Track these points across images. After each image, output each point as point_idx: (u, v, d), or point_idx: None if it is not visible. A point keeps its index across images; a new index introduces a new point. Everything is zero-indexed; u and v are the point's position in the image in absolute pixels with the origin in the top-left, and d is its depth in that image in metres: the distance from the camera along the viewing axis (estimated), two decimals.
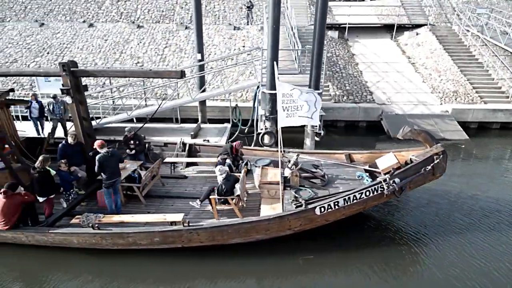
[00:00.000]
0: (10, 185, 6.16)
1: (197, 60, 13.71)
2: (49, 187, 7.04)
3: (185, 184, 9.55)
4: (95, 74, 8.06)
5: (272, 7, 9.73)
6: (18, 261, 6.68)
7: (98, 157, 6.99)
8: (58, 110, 11.01)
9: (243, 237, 6.49)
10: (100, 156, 7.01)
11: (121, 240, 6.31)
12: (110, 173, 7.12)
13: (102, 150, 7.08)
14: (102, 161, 6.96)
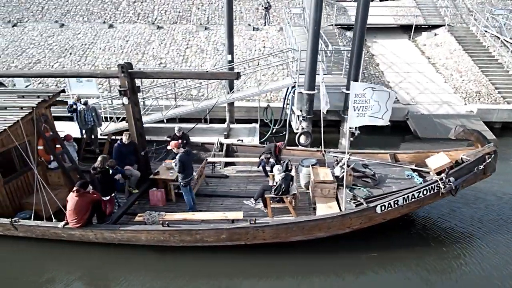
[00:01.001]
0: (82, 184, 6.29)
1: (228, 61, 13.82)
2: (110, 186, 7.21)
3: (228, 183, 9.68)
4: (152, 76, 8.19)
5: (314, 9, 9.86)
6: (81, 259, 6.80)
7: (180, 157, 7.20)
8: (90, 117, 10.61)
9: (305, 235, 6.63)
10: (181, 155, 7.23)
11: (188, 237, 6.45)
12: (187, 172, 7.30)
13: (179, 150, 7.26)
14: (183, 160, 7.16)
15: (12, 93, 8.50)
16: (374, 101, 5.89)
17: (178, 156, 7.26)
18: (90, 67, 18.41)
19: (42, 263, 6.78)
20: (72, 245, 6.93)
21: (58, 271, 6.58)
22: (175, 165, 7.38)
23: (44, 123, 8.06)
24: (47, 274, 6.49)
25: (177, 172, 7.36)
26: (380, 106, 5.95)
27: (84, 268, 6.67)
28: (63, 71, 11.09)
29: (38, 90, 8.63)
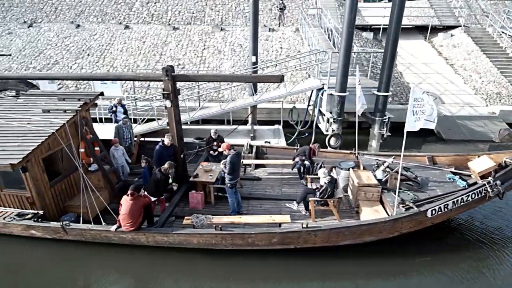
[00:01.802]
0: (136, 187, 6.29)
1: (252, 62, 13.82)
2: (164, 189, 7.26)
3: (262, 185, 9.67)
4: (195, 79, 8.20)
5: (348, 10, 9.86)
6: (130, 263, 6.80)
7: (231, 158, 7.21)
8: (128, 134, 10.35)
9: (355, 239, 6.64)
10: (232, 157, 7.24)
11: (240, 240, 6.46)
12: (236, 174, 7.32)
13: (230, 152, 7.28)
14: (234, 161, 7.17)
15: (52, 95, 8.51)
16: (428, 105, 5.90)
17: (230, 157, 7.27)
18: (108, 68, 18.42)
19: (90, 266, 6.78)
20: (118, 248, 6.93)
21: (108, 275, 6.58)
22: (225, 167, 7.38)
23: (85, 126, 8.08)
24: (96, 278, 6.50)
25: (227, 173, 7.36)
26: (433, 109, 5.98)
27: (135, 271, 6.67)
28: (104, 73, 11.09)
29: (78, 93, 8.63)
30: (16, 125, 7.23)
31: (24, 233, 6.88)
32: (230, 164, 7.21)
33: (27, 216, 6.87)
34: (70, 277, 6.56)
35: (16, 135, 6.97)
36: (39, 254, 6.98)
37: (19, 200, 7.01)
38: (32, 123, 7.23)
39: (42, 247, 7.05)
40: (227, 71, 18.09)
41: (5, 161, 6.15)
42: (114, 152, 8.89)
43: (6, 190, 6.99)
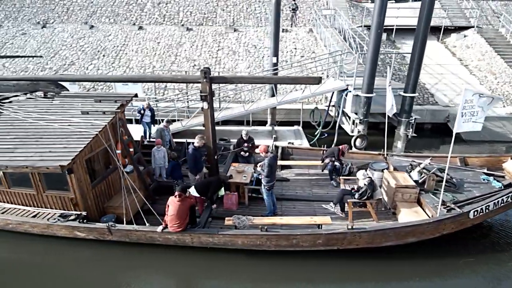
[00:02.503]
0: (182, 189, 6.35)
1: (272, 63, 13.87)
2: (207, 189, 7.31)
3: (291, 186, 9.72)
4: (232, 81, 8.24)
5: (377, 12, 9.93)
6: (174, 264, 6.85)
7: (269, 160, 7.26)
8: (169, 137, 10.29)
9: (398, 240, 6.69)
10: (270, 159, 7.30)
11: (285, 241, 6.51)
12: (273, 176, 7.36)
13: (267, 155, 7.33)
14: (271, 164, 7.22)
15: (87, 97, 8.56)
16: (478, 107, 5.95)
17: (267, 160, 7.32)
18: (124, 69, 18.47)
19: (134, 267, 6.83)
20: (160, 248, 6.98)
21: (152, 275, 6.63)
22: (262, 170, 7.44)
23: (121, 127, 8.13)
24: (140, 279, 6.56)
25: (264, 175, 7.41)
26: (484, 111, 6.04)
27: (178, 272, 6.72)
28: (142, 76, 11.13)
29: (114, 95, 8.69)
30: (57, 126, 7.28)
31: (68, 234, 6.93)
32: (268, 167, 7.26)
33: (71, 217, 6.92)
34: (114, 278, 6.62)
35: (59, 136, 7.01)
36: (82, 255, 7.02)
37: (62, 201, 7.06)
38: (72, 124, 7.29)
39: (85, 248, 7.09)
40: (243, 72, 18.15)
41: (54, 163, 6.19)
42: (155, 153, 8.98)
43: (48, 191, 7.04)
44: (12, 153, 6.61)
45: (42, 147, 6.74)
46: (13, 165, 6.32)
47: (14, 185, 7.12)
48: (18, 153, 6.61)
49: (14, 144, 6.85)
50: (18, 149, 6.71)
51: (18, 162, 6.37)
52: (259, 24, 23.69)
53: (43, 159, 6.36)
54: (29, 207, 7.26)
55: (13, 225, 7.01)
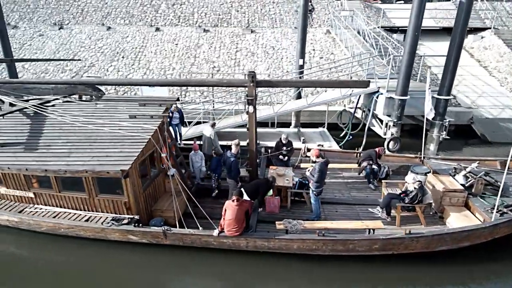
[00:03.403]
0: (239, 193, 6.37)
1: (299, 65, 13.88)
2: (257, 192, 7.31)
3: (329, 189, 9.68)
4: (278, 85, 8.26)
5: (415, 16, 9.95)
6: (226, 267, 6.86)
7: (320, 166, 7.26)
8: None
9: (453, 245, 6.69)
10: (321, 164, 7.30)
11: (341, 246, 6.53)
12: (322, 181, 7.37)
13: (318, 160, 7.33)
14: (323, 169, 7.23)
15: (130, 101, 8.57)
16: None
17: (318, 165, 7.33)
18: (145, 71, 18.49)
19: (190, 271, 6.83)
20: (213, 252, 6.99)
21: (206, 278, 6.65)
22: (312, 175, 7.44)
23: (165, 131, 8.14)
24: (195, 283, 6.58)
25: (314, 181, 7.41)
26: None
27: (233, 276, 6.72)
28: (186, 80, 11.16)
29: (157, 98, 8.69)
30: (107, 130, 7.29)
31: (121, 238, 6.94)
32: (319, 173, 7.27)
33: (124, 221, 6.93)
34: (168, 283, 6.63)
35: (112, 141, 7.04)
36: (134, 259, 7.03)
37: (114, 205, 7.08)
38: (123, 128, 7.30)
39: (136, 252, 7.09)
40: (263, 74, 18.14)
41: (114, 168, 6.21)
42: (193, 157, 9.00)
43: (100, 195, 7.05)
44: (68, 158, 6.63)
45: (98, 151, 6.76)
46: (71, 169, 6.34)
47: (65, 189, 7.12)
48: (74, 157, 6.63)
49: (68, 149, 6.87)
50: (73, 154, 6.73)
51: (76, 166, 6.39)
52: (274, 25, 23.66)
53: (101, 164, 6.38)
54: (79, 211, 7.26)
55: (64, 229, 7.02)
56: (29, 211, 7.27)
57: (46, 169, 6.40)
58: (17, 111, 7.81)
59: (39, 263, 7.03)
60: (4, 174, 7.22)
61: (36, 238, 7.49)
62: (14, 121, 7.95)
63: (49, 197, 7.29)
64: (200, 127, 12.76)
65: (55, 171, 6.41)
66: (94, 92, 9.46)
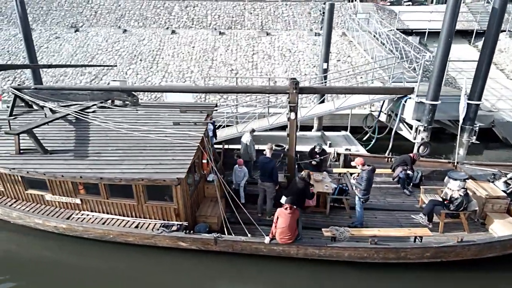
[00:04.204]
0: (292, 201, 6.41)
1: (323, 69, 13.91)
2: (302, 198, 7.34)
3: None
4: (321, 91, 8.31)
5: (449, 21, 9.99)
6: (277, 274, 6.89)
7: (367, 174, 7.30)
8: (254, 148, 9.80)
9: (501, 251, 6.73)
10: (368, 172, 7.35)
11: (393, 254, 6.57)
12: (369, 189, 7.42)
13: (364, 168, 7.37)
14: (370, 177, 7.27)
15: (171, 107, 8.61)
16: None
17: (366, 173, 7.37)
18: (163, 74, 18.53)
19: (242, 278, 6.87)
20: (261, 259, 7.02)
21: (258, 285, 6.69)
22: (359, 183, 7.48)
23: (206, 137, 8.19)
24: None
25: (362, 189, 7.46)
26: None
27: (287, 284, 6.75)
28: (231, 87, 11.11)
29: (198, 105, 8.74)
30: (153, 137, 7.33)
31: (170, 244, 6.96)
32: (367, 181, 7.32)
33: (173, 227, 6.97)
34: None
35: (161, 148, 7.08)
36: (183, 266, 7.06)
37: (163, 211, 7.11)
38: (170, 135, 7.34)
39: (184, 258, 7.11)
40: (281, 76, 18.18)
41: (171, 176, 6.25)
42: (236, 171, 8.64)
43: (149, 202, 7.08)
44: (121, 165, 6.67)
45: (149, 159, 6.80)
46: (127, 177, 6.38)
47: (113, 195, 7.15)
48: (127, 165, 6.67)
49: (119, 156, 6.92)
50: (126, 161, 6.78)
51: (132, 175, 6.43)
52: (287, 27, 23.69)
53: (157, 172, 6.42)
54: (127, 217, 7.29)
55: (113, 236, 7.05)
56: (77, 217, 7.30)
57: (102, 177, 6.43)
58: (61, 118, 7.84)
59: (87, 270, 7.03)
60: (51, 181, 7.25)
61: (77, 244, 7.49)
62: (57, 128, 7.99)
63: (96, 203, 7.32)
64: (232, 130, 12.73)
65: (110, 179, 6.44)
66: (129, 97, 9.51)
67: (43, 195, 7.55)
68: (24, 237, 7.91)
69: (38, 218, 7.28)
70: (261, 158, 8.61)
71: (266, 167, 8.30)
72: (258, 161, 8.72)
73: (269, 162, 8.34)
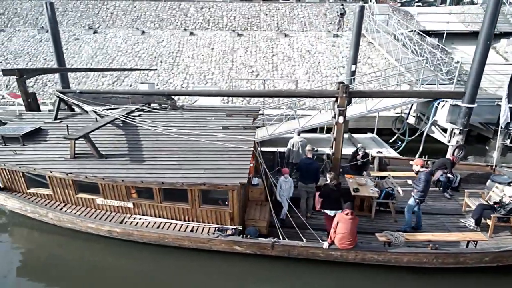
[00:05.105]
0: (352, 206, 6.41)
1: (351, 71, 13.92)
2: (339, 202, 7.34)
3: (404, 198, 9.69)
4: (371, 95, 8.30)
5: (488, 24, 9.98)
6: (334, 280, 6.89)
7: (426, 176, 7.30)
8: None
9: None
10: (426, 174, 7.36)
11: (452, 259, 6.57)
12: (427, 191, 7.43)
13: (422, 170, 7.38)
14: (428, 179, 7.28)
15: (216, 111, 8.62)
16: None
17: (424, 175, 7.37)
18: (184, 76, 18.55)
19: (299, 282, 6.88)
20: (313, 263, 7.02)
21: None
22: (417, 185, 7.47)
23: None
24: None
25: (419, 190, 7.45)
26: None
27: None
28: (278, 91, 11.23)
29: (241, 108, 8.75)
30: (205, 141, 7.34)
31: (226, 248, 6.98)
32: (425, 182, 7.32)
33: (227, 231, 6.98)
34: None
35: (216, 152, 7.09)
36: (238, 270, 7.07)
37: (217, 215, 7.12)
38: (222, 140, 7.36)
39: (240, 262, 7.12)
40: (302, 78, 18.18)
41: (232, 180, 6.27)
42: (282, 183, 7.99)
43: (203, 206, 7.08)
44: (180, 170, 6.68)
45: (206, 163, 6.81)
46: (189, 182, 6.39)
47: (166, 199, 7.16)
48: (186, 170, 6.68)
49: (176, 161, 6.92)
50: (184, 166, 6.78)
51: (193, 179, 6.45)
52: (303, 28, 23.69)
53: (217, 176, 6.44)
54: (180, 221, 7.29)
55: (169, 240, 7.06)
56: (129, 221, 7.31)
57: (163, 181, 6.44)
58: (110, 122, 7.86)
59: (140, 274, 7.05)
60: (103, 185, 7.26)
61: (126, 248, 7.52)
62: (106, 132, 7.99)
63: (149, 207, 7.32)
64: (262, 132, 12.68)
65: (172, 184, 6.45)
66: (168, 101, 9.53)
67: (94, 199, 7.56)
68: (72, 241, 7.92)
69: (91, 222, 7.29)
70: (303, 160, 8.63)
71: (310, 169, 8.29)
72: (299, 163, 8.73)
73: (313, 163, 8.37)
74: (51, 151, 7.49)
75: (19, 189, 8.04)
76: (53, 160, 7.20)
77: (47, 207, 7.66)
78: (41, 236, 8.32)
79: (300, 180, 8.44)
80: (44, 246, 8.06)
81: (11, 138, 7.75)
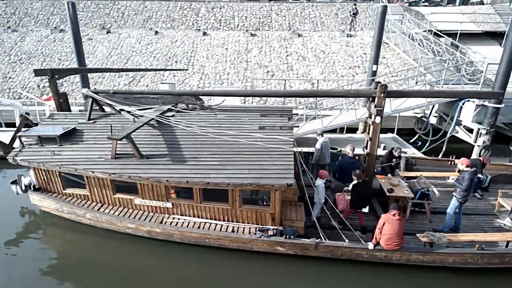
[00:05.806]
0: (399, 207, 6.39)
1: (372, 71, 13.90)
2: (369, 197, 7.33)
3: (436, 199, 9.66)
4: (409, 95, 8.24)
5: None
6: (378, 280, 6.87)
7: (470, 175, 7.28)
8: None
9: None
10: (471, 173, 7.32)
11: (497, 259, 6.56)
12: (470, 190, 7.42)
13: (467, 169, 7.38)
14: (472, 179, 7.27)
15: (249, 111, 8.60)
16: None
17: (468, 174, 7.34)
18: (200, 76, 18.53)
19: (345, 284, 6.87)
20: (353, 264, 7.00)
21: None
22: (460, 184, 7.44)
23: None
24: None
25: (462, 189, 7.41)
26: None
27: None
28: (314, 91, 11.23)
29: (274, 108, 8.73)
30: (244, 142, 7.30)
31: (267, 249, 6.96)
32: (469, 181, 7.29)
33: (269, 231, 6.95)
34: None
35: (256, 153, 7.06)
36: (281, 270, 7.02)
37: (257, 216, 7.09)
38: (260, 140, 7.33)
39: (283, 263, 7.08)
40: (318, 78, 18.16)
41: (279, 181, 6.25)
42: (321, 188, 7.74)
43: (244, 206, 7.06)
44: (224, 170, 6.66)
45: (249, 164, 6.78)
46: (235, 182, 6.37)
47: (205, 199, 7.14)
48: (229, 170, 6.66)
49: (218, 161, 6.90)
50: (227, 166, 6.76)
51: (239, 180, 6.42)
52: (315, 28, 23.69)
53: (262, 177, 6.41)
54: (220, 221, 7.27)
55: (210, 240, 7.04)
56: (169, 221, 7.29)
57: (209, 182, 6.42)
58: (146, 123, 7.82)
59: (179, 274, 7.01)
60: (142, 185, 7.24)
61: (165, 248, 7.49)
62: (142, 132, 7.94)
63: (188, 207, 7.30)
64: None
65: (217, 184, 6.43)
66: (197, 101, 9.50)
67: (132, 199, 7.54)
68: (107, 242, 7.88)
69: (130, 223, 7.27)
70: (345, 159, 8.60)
71: (353, 168, 8.23)
72: (341, 163, 8.69)
73: (355, 163, 8.35)
74: (89, 152, 7.46)
75: (54, 189, 8.02)
76: (93, 160, 7.17)
77: (84, 207, 7.63)
78: (74, 237, 8.27)
79: (338, 179, 8.44)
80: (79, 247, 8.00)
81: (48, 139, 7.72)
